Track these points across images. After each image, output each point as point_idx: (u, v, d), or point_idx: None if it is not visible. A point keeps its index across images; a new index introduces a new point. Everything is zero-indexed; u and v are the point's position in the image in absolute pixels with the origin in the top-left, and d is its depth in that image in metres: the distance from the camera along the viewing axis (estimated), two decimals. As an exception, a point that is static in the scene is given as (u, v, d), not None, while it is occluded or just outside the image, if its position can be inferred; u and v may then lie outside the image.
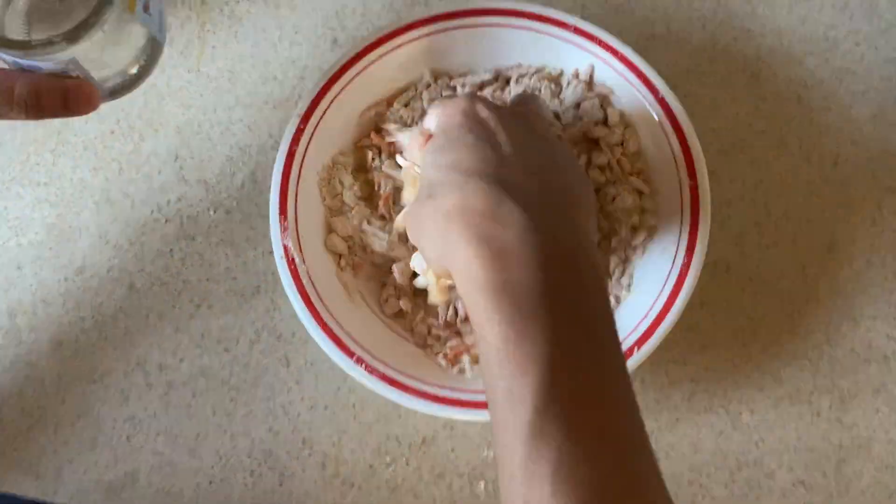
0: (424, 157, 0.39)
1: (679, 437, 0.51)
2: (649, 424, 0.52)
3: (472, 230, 0.32)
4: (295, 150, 0.49)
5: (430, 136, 0.41)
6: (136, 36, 0.44)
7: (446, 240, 0.34)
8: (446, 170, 0.35)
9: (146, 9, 0.44)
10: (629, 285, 0.49)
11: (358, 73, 0.50)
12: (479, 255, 0.32)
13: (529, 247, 0.31)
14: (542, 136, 0.40)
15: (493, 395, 0.31)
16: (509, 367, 0.30)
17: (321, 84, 0.50)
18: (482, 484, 0.50)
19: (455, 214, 0.33)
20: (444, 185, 0.35)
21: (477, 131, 0.36)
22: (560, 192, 0.36)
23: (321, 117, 0.50)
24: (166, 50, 0.61)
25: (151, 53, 0.47)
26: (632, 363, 0.44)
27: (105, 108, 0.58)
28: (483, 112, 0.38)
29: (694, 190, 0.47)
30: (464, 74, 0.52)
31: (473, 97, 0.39)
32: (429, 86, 0.52)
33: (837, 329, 0.53)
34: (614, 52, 0.49)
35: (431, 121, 0.41)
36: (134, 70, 0.46)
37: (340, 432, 0.52)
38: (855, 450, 0.51)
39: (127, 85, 0.47)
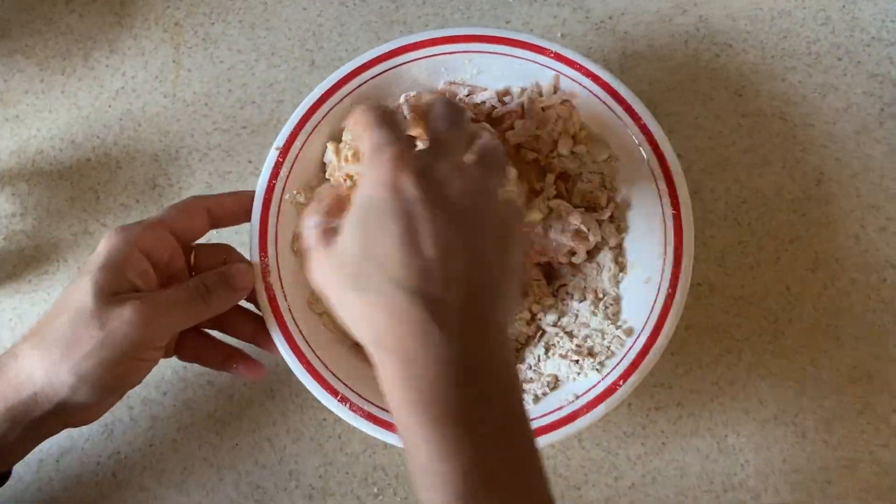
0: (347, 219, 0.36)
1: (666, 461, 0.51)
2: (636, 449, 0.52)
3: (399, 351, 0.35)
4: (274, 184, 0.48)
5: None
6: None
7: (373, 338, 0.36)
8: (371, 264, 0.35)
9: None
10: (616, 313, 0.48)
11: (337, 103, 0.49)
12: (403, 375, 0.35)
13: (450, 377, 0.34)
14: (473, 205, 0.36)
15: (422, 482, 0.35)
16: (436, 468, 0.34)
17: (299, 115, 0.49)
18: (470, 513, 0.50)
19: (382, 331, 0.35)
20: (370, 285, 0.35)
21: (402, 221, 0.34)
22: (482, 295, 0.36)
23: (300, 148, 0.49)
24: (141, 75, 0.60)
25: None
26: (616, 398, 0.44)
27: (80, 135, 0.58)
28: (411, 192, 0.35)
29: (677, 220, 0.46)
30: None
31: (403, 162, 0.35)
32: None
33: (821, 349, 0.53)
34: (595, 79, 0.48)
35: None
36: None
37: (327, 464, 0.52)
38: (840, 471, 0.51)
39: None
